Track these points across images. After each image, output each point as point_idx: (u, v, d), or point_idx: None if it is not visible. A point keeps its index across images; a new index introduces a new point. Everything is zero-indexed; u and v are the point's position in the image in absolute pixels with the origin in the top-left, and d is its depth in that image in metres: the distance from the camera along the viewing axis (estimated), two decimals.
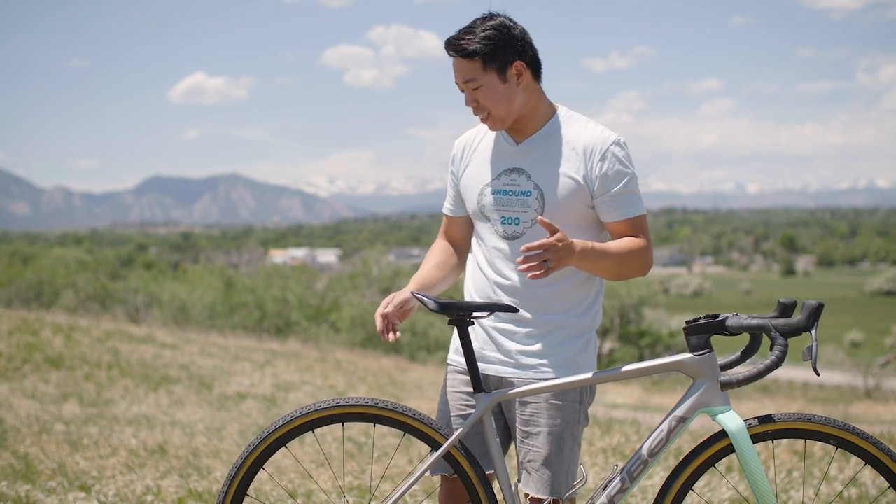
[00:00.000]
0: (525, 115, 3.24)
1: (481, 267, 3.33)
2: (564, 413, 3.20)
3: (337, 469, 6.71)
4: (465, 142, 3.44)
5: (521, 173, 3.24)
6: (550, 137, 3.25)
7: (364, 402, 3.09)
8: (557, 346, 3.22)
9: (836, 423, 2.96)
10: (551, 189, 3.19)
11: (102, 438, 7.87)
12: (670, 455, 7.34)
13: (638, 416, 12.84)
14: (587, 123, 3.26)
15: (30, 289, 39.39)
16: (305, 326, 36.25)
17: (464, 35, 3.16)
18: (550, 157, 3.23)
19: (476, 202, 3.32)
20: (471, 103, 3.20)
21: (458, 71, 3.19)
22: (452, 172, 3.46)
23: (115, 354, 14.49)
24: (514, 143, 3.28)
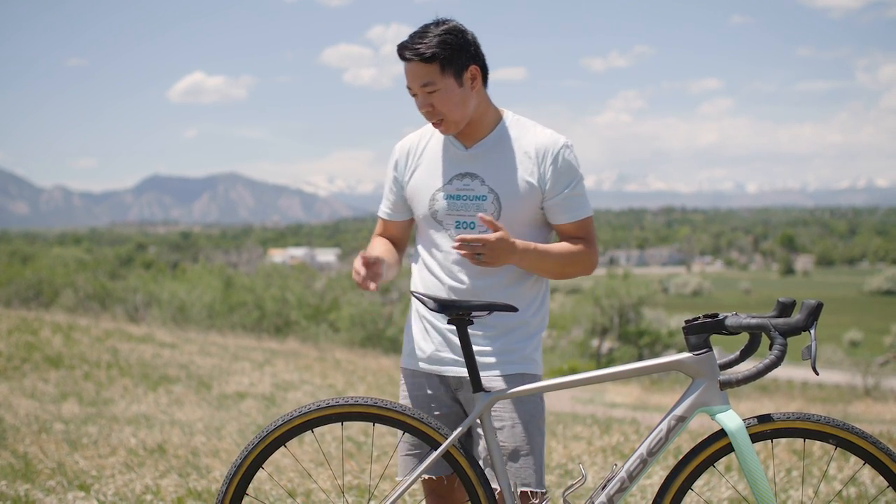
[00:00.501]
0: (475, 119, 3.28)
1: (434, 272, 3.35)
2: (527, 406, 3.26)
3: (336, 468, 6.72)
4: (408, 146, 3.43)
5: (473, 178, 3.27)
6: (501, 142, 3.30)
7: (363, 402, 3.09)
8: (515, 345, 3.29)
9: (835, 422, 2.96)
10: (507, 193, 3.24)
11: (102, 438, 7.87)
12: (669, 454, 7.34)
13: (637, 415, 12.85)
14: (535, 127, 3.33)
15: (29, 288, 39.34)
16: (305, 326, 36.24)
17: (419, 39, 3.17)
18: (503, 162, 3.27)
19: (427, 207, 3.33)
20: (425, 108, 3.21)
21: (415, 76, 3.19)
22: (395, 178, 3.44)
23: (115, 354, 14.49)
24: (463, 148, 3.31)
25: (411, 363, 3.41)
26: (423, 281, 3.38)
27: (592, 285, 55.14)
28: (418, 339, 3.39)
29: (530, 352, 3.31)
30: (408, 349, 3.44)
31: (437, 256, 3.34)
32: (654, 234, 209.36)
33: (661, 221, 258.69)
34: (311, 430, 3.12)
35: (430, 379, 3.36)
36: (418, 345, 3.38)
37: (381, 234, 3.54)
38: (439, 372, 3.32)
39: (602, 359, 47.78)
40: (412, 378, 3.41)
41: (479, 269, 3.26)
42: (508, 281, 3.28)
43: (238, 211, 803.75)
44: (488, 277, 3.26)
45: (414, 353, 3.39)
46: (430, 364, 3.35)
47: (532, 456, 3.24)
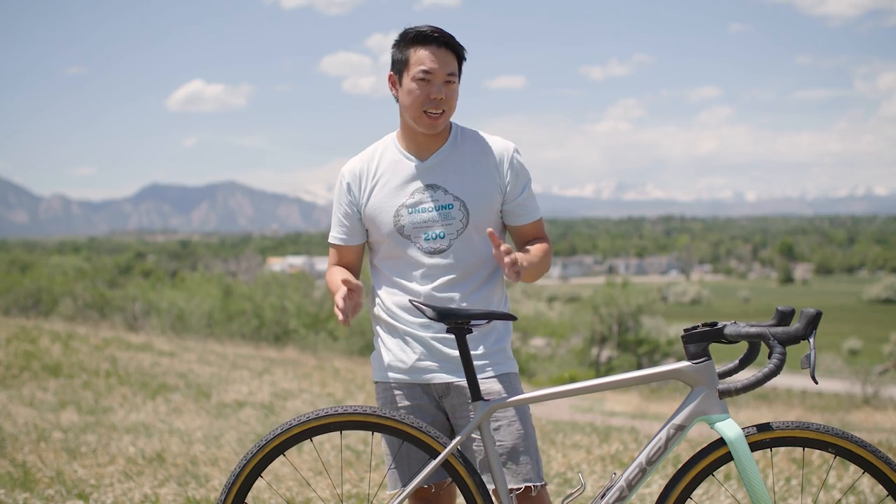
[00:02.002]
0: None
1: (403, 286, 3.36)
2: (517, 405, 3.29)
3: (335, 477, 6.71)
4: (357, 169, 3.43)
5: (436, 189, 3.31)
6: (456, 151, 3.36)
7: (362, 411, 3.09)
8: (495, 346, 3.35)
9: (834, 431, 2.97)
10: (472, 199, 3.30)
11: (100, 446, 7.86)
12: (668, 463, 7.34)
13: (636, 423, 12.84)
14: (484, 134, 3.42)
15: (28, 297, 39.30)
16: (303, 334, 36.21)
17: (444, 31, 3.25)
18: (462, 170, 3.33)
19: (392, 224, 3.33)
20: (439, 95, 3.23)
21: (444, 63, 3.24)
22: (350, 201, 3.42)
23: (114, 362, 14.47)
24: (419, 161, 3.35)
25: (387, 376, 3.41)
26: (391, 296, 3.39)
27: (591, 294, 55.16)
28: (396, 352, 3.38)
29: (510, 351, 3.40)
30: (383, 362, 3.42)
31: (406, 270, 3.35)
32: (652, 243, 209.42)
33: (659, 230, 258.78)
34: (310, 439, 3.13)
35: (412, 389, 3.36)
36: (397, 357, 3.37)
37: (338, 262, 3.51)
38: (425, 381, 3.33)
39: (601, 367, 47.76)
40: (390, 391, 3.40)
41: (451, 278, 3.31)
42: (478, 285, 3.34)
43: (237, 219, 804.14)
44: (460, 284, 3.32)
45: (392, 366, 3.39)
46: (413, 374, 3.35)
47: (530, 451, 3.27)
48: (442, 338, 3.30)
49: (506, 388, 3.29)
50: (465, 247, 3.32)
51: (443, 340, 3.31)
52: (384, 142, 3.45)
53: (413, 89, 3.25)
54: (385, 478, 3.36)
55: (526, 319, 55.72)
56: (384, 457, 3.42)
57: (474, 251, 3.33)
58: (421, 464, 3.27)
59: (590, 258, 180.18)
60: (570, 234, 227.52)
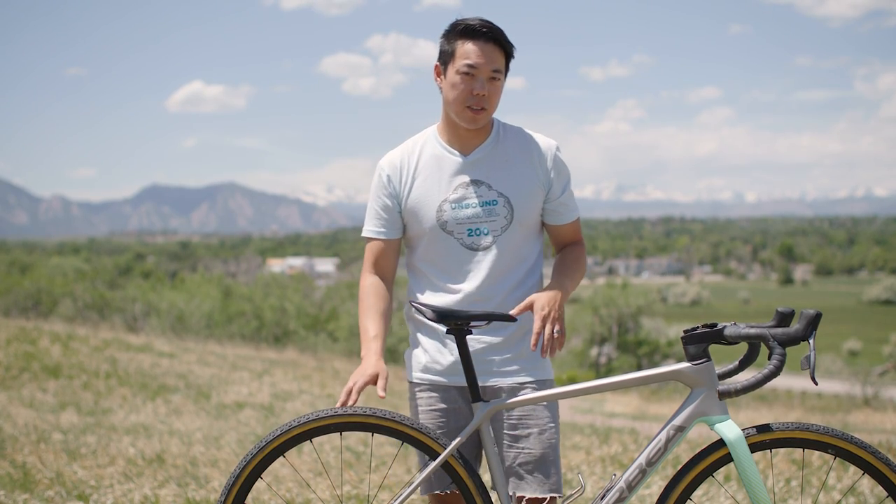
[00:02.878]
0: None
1: (442, 282, 3.32)
2: (551, 412, 3.29)
3: (335, 478, 6.71)
4: (398, 161, 3.37)
5: (480, 184, 3.27)
6: (499, 147, 3.31)
7: (362, 412, 3.08)
8: (529, 351, 3.30)
9: (834, 432, 2.96)
10: (517, 196, 3.26)
11: (100, 447, 7.86)
12: (668, 464, 7.34)
13: (636, 425, 12.84)
14: (527, 131, 3.36)
15: (28, 298, 39.34)
16: (303, 335, 36.25)
17: (493, 26, 3.20)
18: (507, 166, 3.28)
19: (435, 219, 3.28)
20: (482, 92, 3.17)
21: (491, 58, 3.18)
22: (389, 194, 3.35)
23: (113, 363, 14.47)
24: (462, 156, 3.30)
25: (423, 377, 3.36)
26: (430, 294, 3.34)
27: (591, 295, 55.19)
28: (433, 353, 3.34)
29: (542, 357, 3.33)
30: (420, 363, 3.37)
31: (447, 267, 3.30)
32: (652, 244, 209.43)
33: (659, 231, 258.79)
34: (310, 440, 3.12)
35: (448, 392, 3.32)
36: (433, 358, 3.33)
37: (375, 262, 3.41)
38: (461, 384, 3.29)
39: (601, 368, 47.77)
40: (425, 392, 3.36)
41: (492, 275, 3.26)
42: (517, 283, 3.29)
43: (237, 220, 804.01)
44: (501, 282, 3.27)
45: (429, 367, 3.34)
46: (450, 377, 3.31)
47: (556, 462, 3.26)
48: (481, 339, 3.26)
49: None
50: (508, 244, 3.26)
51: (478, 341, 3.26)
52: (424, 135, 3.39)
53: (457, 83, 3.20)
54: (384, 479, 3.34)
55: None
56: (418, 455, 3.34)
57: (516, 249, 3.28)
58: None
59: (590, 259, 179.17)
60: None
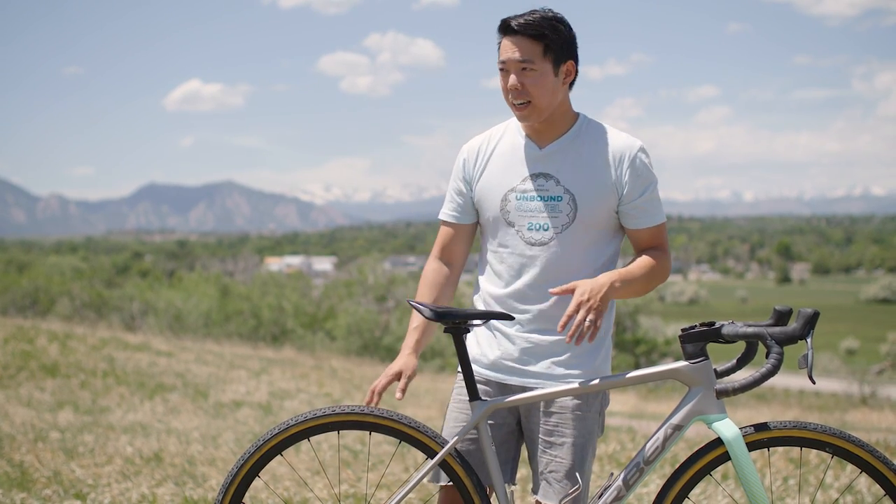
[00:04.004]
0: (555, 117, 3.20)
1: (501, 275, 3.26)
2: (589, 424, 3.19)
3: (333, 477, 6.71)
4: (477, 146, 3.33)
5: (548, 178, 3.19)
6: (576, 142, 3.21)
7: (360, 410, 3.08)
8: (584, 356, 3.20)
9: (831, 430, 2.97)
10: (583, 194, 3.16)
11: (98, 446, 7.85)
12: (666, 463, 7.34)
13: (634, 423, 12.84)
14: (611, 129, 3.25)
15: (25, 296, 39.31)
16: (301, 334, 36.21)
17: (530, 16, 3.10)
18: (579, 163, 3.18)
19: (499, 208, 3.23)
20: (516, 86, 3.11)
21: (517, 49, 3.09)
22: (464, 177, 3.32)
23: (111, 362, 14.47)
24: (538, 148, 3.22)
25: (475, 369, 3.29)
26: (488, 286, 3.29)
27: None
28: (483, 345, 3.28)
29: (600, 363, 3.23)
30: (474, 355, 3.31)
31: (506, 258, 3.24)
32: None
33: None
34: (308, 439, 3.12)
35: (489, 386, 3.26)
36: (483, 350, 3.28)
37: (443, 246, 3.37)
38: (502, 380, 3.24)
39: None
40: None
41: (549, 273, 3.17)
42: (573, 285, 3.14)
43: (234, 219, 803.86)
44: (556, 282, 3.16)
45: (476, 359, 3.29)
46: (494, 371, 3.25)
47: (584, 476, 3.17)
48: (529, 338, 3.19)
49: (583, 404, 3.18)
50: (569, 243, 3.17)
51: (530, 341, 3.19)
52: (508, 123, 3.33)
53: (500, 81, 3.18)
54: (382, 477, 3.33)
55: None
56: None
57: (578, 249, 3.19)
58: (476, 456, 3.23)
59: None
60: None
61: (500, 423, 3.25)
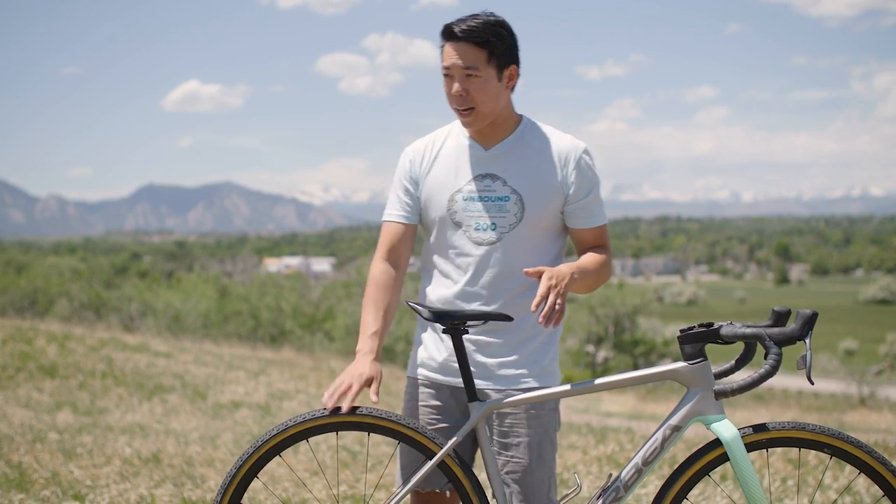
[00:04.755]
0: (499, 120, 3.23)
1: (449, 276, 3.28)
2: (544, 421, 3.22)
3: (331, 478, 6.71)
4: (423, 147, 3.35)
5: (495, 179, 3.22)
6: (521, 144, 3.25)
7: (358, 411, 3.08)
8: (532, 356, 3.24)
9: (830, 431, 2.96)
10: (530, 195, 3.20)
11: (96, 447, 7.85)
12: (665, 463, 7.34)
13: (632, 424, 12.85)
14: (554, 131, 3.30)
15: (24, 297, 39.31)
16: (300, 335, 36.21)
17: (473, 22, 3.12)
18: (525, 164, 3.23)
19: (446, 208, 3.25)
20: (460, 92, 3.13)
21: (461, 56, 3.11)
22: (410, 178, 3.32)
23: (109, 363, 14.46)
24: (483, 149, 3.25)
25: (418, 372, 3.33)
26: (435, 286, 3.31)
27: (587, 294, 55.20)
28: (431, 349, 3.31)
29: (548, 363, 3.27)
30: (418, 358, 3.34)
31: (454, 259, 3.26)
32: (649, 244, 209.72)
33: (656, 230, 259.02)
34: (307, 440, 3.11)
35: (440, 389, 3.29)
36: (430, 354, 3.30)
37: (389, 248, 3.35)
38: (453, 383, 3.26)
39: (597, 368, 47.79)
40: (417, 388, 3.33)
41: (497, 274, 3.20)
42: (524, 287, 3.22)
43: (233, 220, 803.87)
44: (506, 282, 3.20)
45: (424, 363, 3.32)
46: (443, 374, 3.27)
47: (545, 472, 3.21)
48: (476, 340, 3.21)
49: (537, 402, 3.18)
50: (516, 242, 3.20)
51: (476, 343, 3.21)
52: (452, 125, 3.36)
53: (443, 86, 3.20)
54: (381, 478, 3.32)
55: None
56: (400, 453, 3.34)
57: (525, 249, 3.21)
58: None
59: None
60: None
61: (453, 427, 3.27)
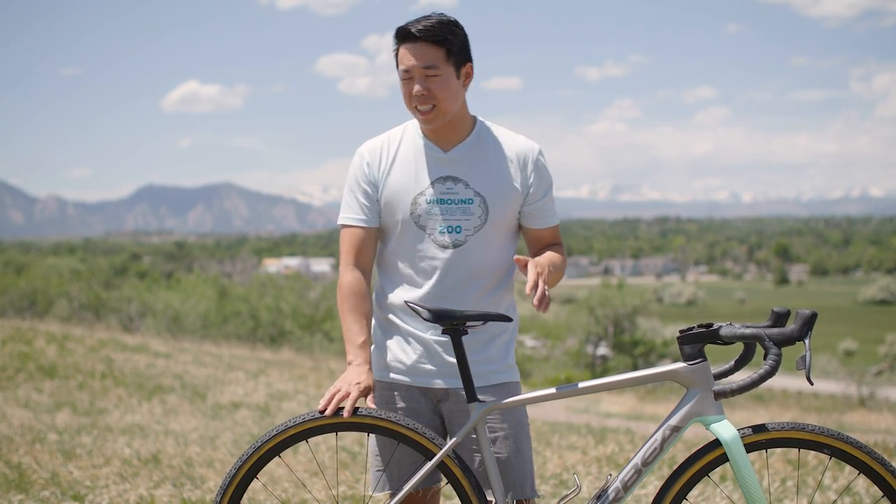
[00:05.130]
0: (456, 120, 3.24)
1: (413, 279, 3.27)
2: (516, 415, 3.25)
3: (331, 478, 6.71)
4: (378, 147, 3.32)
5: (457, 181, 3.23)
6: (480, 146, 3.27)
7: (358, 412, 3.08)
8: (499, 353, 3.28)
9: (829, 432, 2.97)
10: (493, 197, 3.22)
11: (96, 448, 7.85)
12: (664, 464, 7.34)
13: (632, 425, 12.85)
14: (508, 133, 3.33)
15: (23, 298, 39.26)
16: (299, 335, 36.20)
17: (428, 22, 3.14)
18: (486, 166, 3.25)
19: (409, 211, 3.23)
20: (422, 92, 3.14)
21: (420, 55, 3.13)
22: (368, 181, 3.28)
23: (109, 364, 14.46)
24: (441, 152, 3.26)
25: (386, 376, 3.32)
26: (398, 291, 3.29)
27: (587, 295, 55.20)
28: (395, 351, 3.29)
29: (511, 359, 3.32)
30: (382, 361, 3.33)
31: (418, 262, 3.26)
32: (648, 244, 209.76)
33: (655, 231, 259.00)
34: (306, 440, 3.11)
35: (410, 391, 3.29)
36: (396, 356, 3.29)
37: (356, 254, 3.30)
38: (423, 384, 3.26)
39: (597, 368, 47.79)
40: (387, 391, 3.31)
41: (463, 276, 3.22)
42: (490, 287, 3.26)
43: (232, 221, 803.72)
44: (472, 283, 3.23)
45: (391, 366, 3.30)
46: (412, 376, 3.27)
47: (524, 464, 3.23)
48: (443, 341, 3.22)
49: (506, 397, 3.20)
50: (481, 245, 3.22)
51: (444, 344, 3.22)
52: (405, 126, 3.35)
53: (401, 88, 3.20)
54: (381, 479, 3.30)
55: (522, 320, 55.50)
56: (372, 458, 3.33)
57: (490, 251, 3.24)
58: (410, 466, 3.24)
59: (585, 259, 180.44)
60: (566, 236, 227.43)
61: (427, 426, 3.27)
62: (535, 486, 3.28)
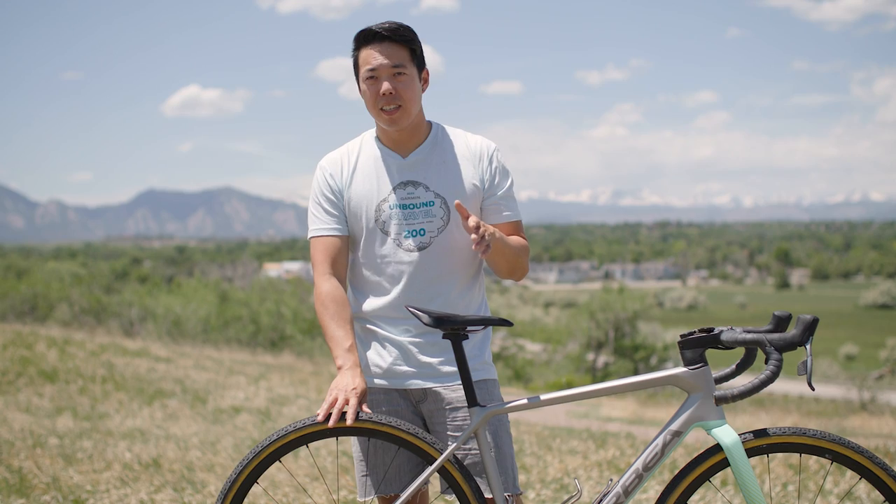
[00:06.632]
0: (415, 125, 3.31)
1: (380, 286, 3.31)
2: None
3: (331, 483, 6.70)
4: (339, 159, 3.39)
5: (417, 185, 3.28)
6: (437, 148, 3.33)
7: (358, 417, 3.08)
8: (474, 351, 3.30)
9: (830, 436, 2.96)
10: (453, 196, 3.27)
11: (96, 452, 7.85)
12: (665, 469, 7.33)
13: (633, 429, 12.83)
14: (464, 133, 3.39)
15: (24, 302, 39.26)
16: (300, 340, 36.18)
17: (394, 24, 3.21)
18: (444, 167, 3.31)
19: (373, 218, 3.29)
20: (390, 90, 3.19)
21: (388, 55, 3.20)
22: (333, 191, 3.33)
23: (110, 368, 14.45)
24: (400, 157, 3.32)
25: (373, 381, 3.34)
26: (370, 298, 3.34)
27: (588, 299, 55.15)
28: (371, 356, 3.33)
29: (487, 356, 3.35)
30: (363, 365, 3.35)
31: (385, 268, 3.30)
32: (649, 249, 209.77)
33: (656, 235, 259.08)
34: (307, 445, 3.12)
35: (389, 394, 3.32)
36: (372, 361, 3.32)
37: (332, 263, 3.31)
38: (401, 386, 3.29)
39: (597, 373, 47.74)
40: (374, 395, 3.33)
41: (431, 277, 3.27)
42: (460, 287, 3.31)
43: (233, 225, 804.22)
44: (441, 285, 3.28)
45: (369, 370, 3.33)
46: (389, 379, 3.30)
47: (507, 461, 3.25)
48: (417, 342, 3.27)
49: (482, 396, 3.23)
50: (446, 245, 3.27)
51: (418, 345, 3.27)
52: (362, 137, 3.42)
53: (365, 91, 3.25)
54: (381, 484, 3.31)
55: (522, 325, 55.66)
56: (355, 462, 3.36)
57: (457, 250, 3.29)
58: (395, 469, 3.28)
59: (586, 264, 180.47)
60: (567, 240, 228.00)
61: None
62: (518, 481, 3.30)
